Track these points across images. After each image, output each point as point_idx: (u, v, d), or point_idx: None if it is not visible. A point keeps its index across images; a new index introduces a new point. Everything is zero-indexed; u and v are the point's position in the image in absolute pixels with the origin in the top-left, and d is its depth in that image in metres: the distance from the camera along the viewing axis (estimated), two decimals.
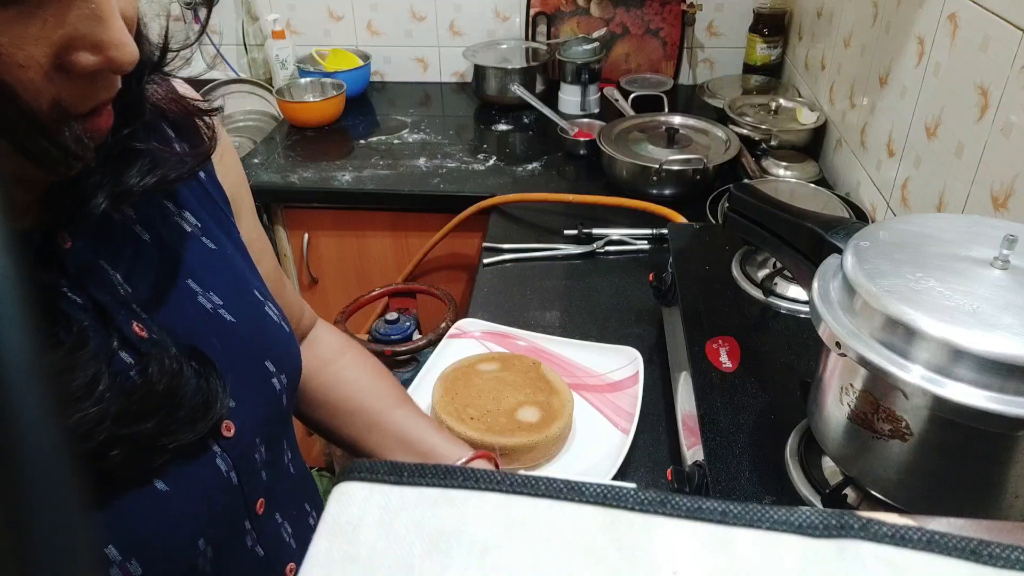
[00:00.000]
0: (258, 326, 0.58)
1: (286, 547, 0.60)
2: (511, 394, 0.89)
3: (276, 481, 0.59)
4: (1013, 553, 0.26)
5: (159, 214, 0.54)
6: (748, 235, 0.83)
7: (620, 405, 0.92)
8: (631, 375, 0.95)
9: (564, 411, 0.87)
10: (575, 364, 1.00)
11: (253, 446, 0.55)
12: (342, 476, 0.32)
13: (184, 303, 0.53)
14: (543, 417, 0.85)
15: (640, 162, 1.36)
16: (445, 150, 1.65)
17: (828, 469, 0.67)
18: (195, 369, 0.49)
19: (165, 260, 0.53)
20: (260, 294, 0.60)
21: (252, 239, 0.66)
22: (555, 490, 0.30)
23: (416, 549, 0.28)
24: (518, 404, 0.87)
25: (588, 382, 0.97)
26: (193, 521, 0.49)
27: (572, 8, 1.88)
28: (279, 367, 0.58)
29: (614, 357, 0.99)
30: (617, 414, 0.91)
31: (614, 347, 1.00)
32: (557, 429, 0.84)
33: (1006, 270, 0.53)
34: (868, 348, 0.52)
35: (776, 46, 1.77)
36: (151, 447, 0.46)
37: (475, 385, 0.90)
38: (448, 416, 0.84)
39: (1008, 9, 0.83)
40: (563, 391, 0.90)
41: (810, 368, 0.79)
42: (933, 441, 0.53)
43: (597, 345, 1.01)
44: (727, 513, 0.29)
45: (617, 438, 0.87)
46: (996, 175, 0.84)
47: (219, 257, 0.57)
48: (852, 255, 0.57)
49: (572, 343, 1.03)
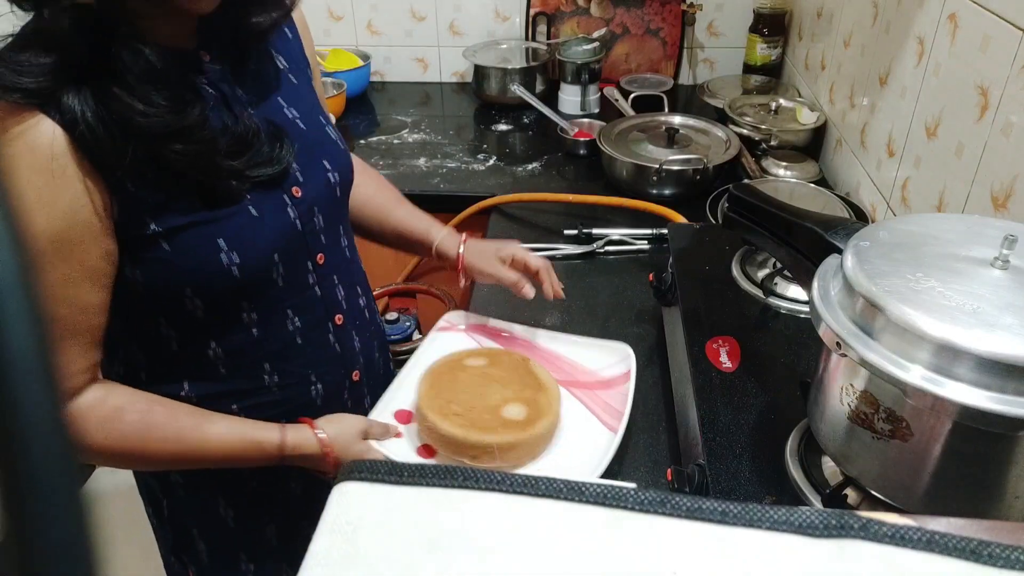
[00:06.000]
0: (321, 136, 0.83)
1: (336, 297, 0.85)
2: (497, 390, 0.86)
3: (332, 249, 0.83)
4: (1013, 553, 0.26)
5: (265, 56, 0.81)
6: (748, 235, 0.83)
7: (611, 403, 0.89)
8: (623, 372, 0.92)
9: (551, 409, 0.84)
10: (566, 360, 0.97)
11: (313, 212, 0.79)
12: (342, 476, 0.32)
13: (274, 108, 0.79)
14: (529, 414, 0.83)
15: (640, 162, 1.36)
16: (445, 150, 1.65)
17: (828, 469, 0.67)
18: (269, 132, 0.75)
19: (264, 82, 0.79)
20: (324, 119, 0.85)
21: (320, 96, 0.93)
22: (555, 490, 0.30)
23: (416, 549, 0.28)
24: (504, 401, 0.84)
25: (579, 379, 0.94)
26: (272, 238, 0.74)
27: (572, 8, 1.88)
28: (333, 166, 0.83)
29: (607, 353, 0.96)
30: (608, 412, 0.88)
31: (607, 343, 0.98)
32: (542, 427, 0.82)
33: (1006, 270, 0.53)
34: (868, 348, 0.52)
35: (776, 46, 1.77)
36: (243, 176, 0.72)
37: (461, 380, 0.87)
38: (431, 412, 0.82)
39: (1008, 9, 0.83)
40: (551, 388, 0.87)
41: (810, 368, 0.79)
42: (933, 441, 0.53)
43: (590, 340, 0.99)
44: (727, 513, 0.29)
45: (605, 437, 0.84)
46: (996, 175, 0.84)
47: (298, 88, 0.84)
48: (852, 255, 0.57)
49: (564, 338, 1.00)
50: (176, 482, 0.86)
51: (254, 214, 0.73)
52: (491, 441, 0.80)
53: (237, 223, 0.72)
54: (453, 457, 0.82)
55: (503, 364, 0.91)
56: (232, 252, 0.72)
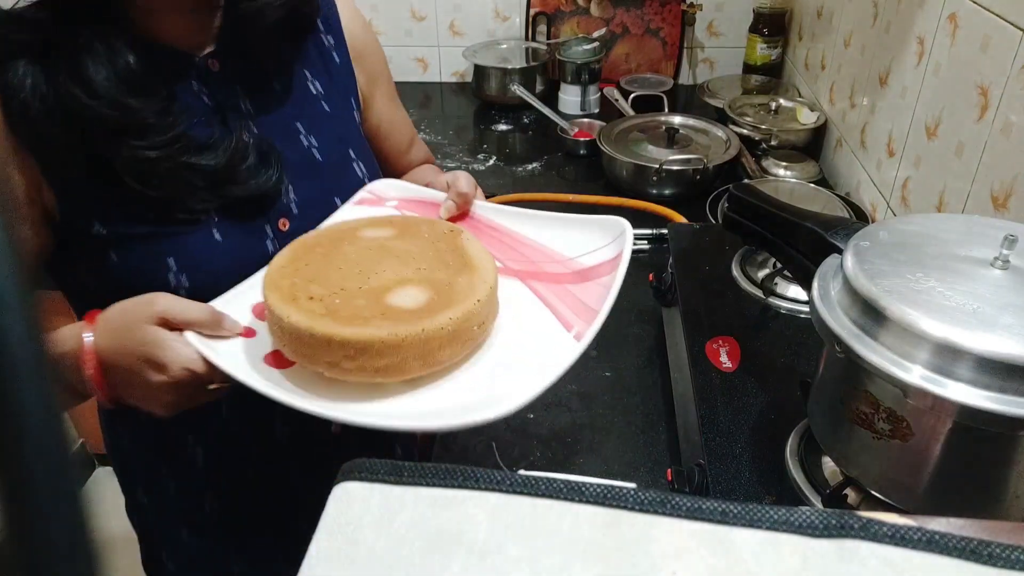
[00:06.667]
0: (339, 172, 0.78)
1: None
2: (392, 268, 0.61)
3: None
4: (1013, 553, 0.26)
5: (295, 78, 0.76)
6: (748, 235, 0.83)
7: (583, 300, 0.64)
8: (610, 258, 0.67)
9: (470, 296, 0.58)
10: (535, 244, 0.72)
11: None
12: (342, 476, 0.32)
13: (286, 131, 0.74)
14: (430, 302, 0.57)
15: (640, 162, 1.36)
16: (445, 150, 1.65)
17: (828, 469, 0.67)
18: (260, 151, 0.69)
19: (284, 104, 0.74)
20: (355, 154, 0.79)
21: (383, 120, 0.89)
22: (555, 490, 0.30)
23: (416, 549, 0.28)
24: (396, 282, 0.59)
25: (546, 268, 0.69)
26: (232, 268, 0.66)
27: (572, 8, 1.88)
28: None
29: (590, 232, 0.71)
30: (576, 312, 0.63)
31: (593, 218, 0.72)
32: (444, 321, 0.55)
33: (1006, 270, 0.53)
34: (868, 348, 0.52)
35: (776, 46, 1.77)
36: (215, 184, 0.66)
37: (342, 255, 0.62)
38: (274, 292, 0.57)
39: (1008, 9, 0.83)
40: (482, 269, 0.62)
41: (810, 368, 0.79)
42: (933, 441, 0.53)
43: (573, 217, 0.73)
44: (727, 513, 0.29)
45: (564, 345, 0.59)
46: (996, 175, 0.84)
47: (331, 118, 0.78)
48: (852, 255, 0.57)
49: (540, 216, 0.74)
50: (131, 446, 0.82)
51: (216, 238, 0.68)
52: (350, 336, 0.53)
53: (193, 243, 0.66)
54: (306, 364, 0.57)
55: (417, 236, 0.66)
56: (182, 274, 0.66)
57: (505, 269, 0.69)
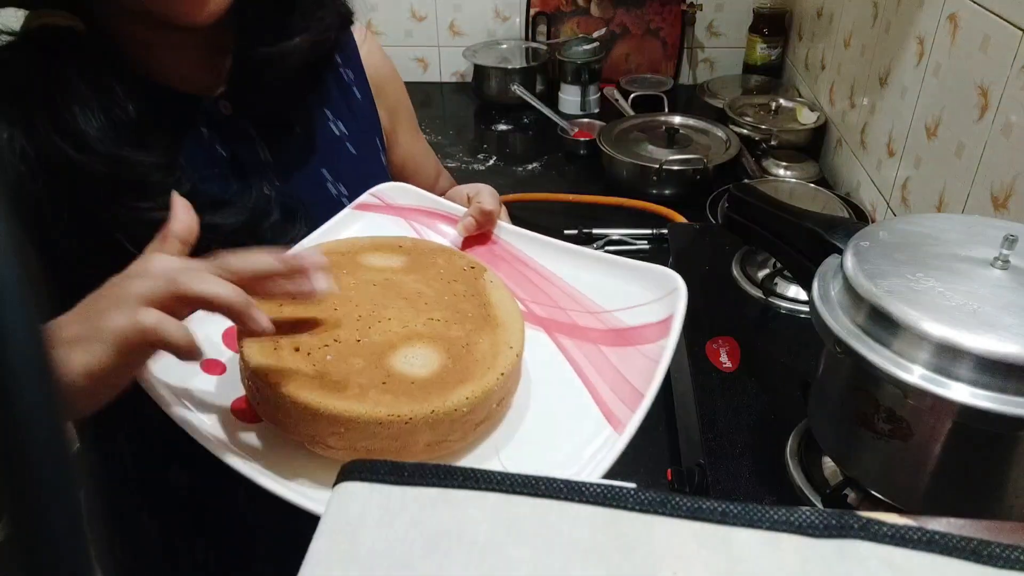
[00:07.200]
0: None
1: None
2: (400, 316, 0.49)
3: None
4: (1013, 553, 0.26)
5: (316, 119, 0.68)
6: (748, 235, 0.83)
7: (622, 371, 0.52)
8: (657, 320, 0.54)
9: (490, 368, 0.46)
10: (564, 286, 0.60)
11: None
12: (342, 476, 0.32)
13: (314, 181, 0.66)
14: (442, 372, 0.46)
15: (640, 162, 1.36)
16: (445, 150, 1.65)
17: (828, 469, 0.67)
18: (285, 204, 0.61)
19: (307, 149, 0.66)
20: None
21: (408, 157, 0.84)
22: (555, 490, 0.30)
23: (416, 549, 0.28)
24: (403, 338, 0.47)
25: (577, 320, 0.57)
26: None
27: (572, 8, 1.88)
28: None
29: (637, 282, 0.57)
30: (615, 387, 0.51)
31: (641, 265, 0.59)
32: (461, 402, 0.44)
33: (1006, 270, 0.53)
34: (868, 348, 0.52)
35: (776, 46, 1.77)
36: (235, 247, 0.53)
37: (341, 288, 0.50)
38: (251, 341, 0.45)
39: (1008, 9, 0.83)
40: (508, 326, 0.50)
41: (810, 368, 0.79)
42: (933, 441, 0.53)
43: (614, 259, 0.60)
44: (727, 513, 0.29)
45: (599, 433, 0.47)
46: (996, 175, 0.84)
47: (359, 161, 0.71)
48: (852, 255, 0.57)
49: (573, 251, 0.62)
50: None
51: None
52: (341, 411, 0.42)
53: None
54: (282, 432, 0.46)
55: (430, 270, 0.54)
56: None
57: (528, 314, 0.56)
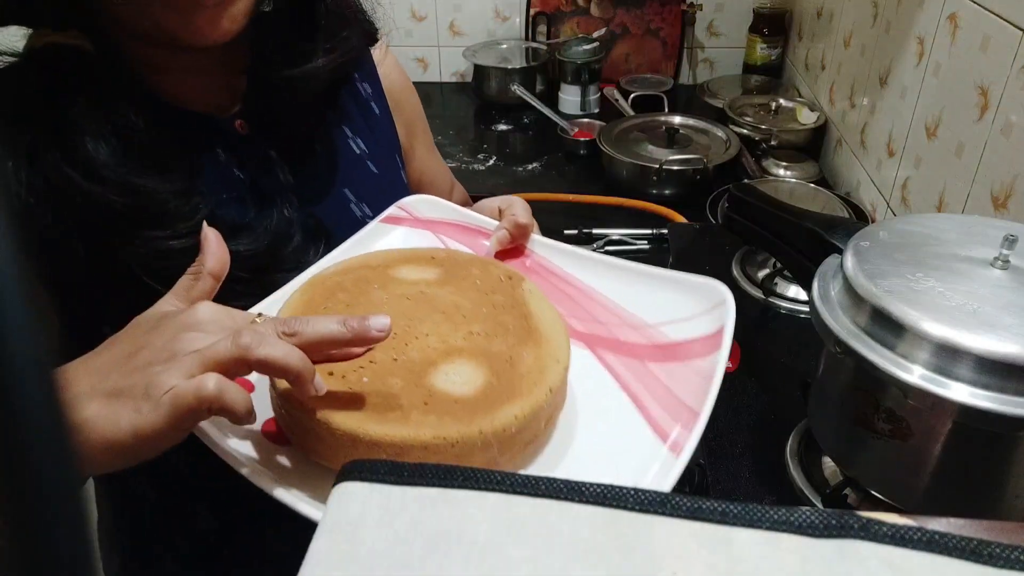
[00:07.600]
0: None
1: None
2: (437, 331, 0.45)
3: None
4: (1013, 553, 0.26)
5: (335, 137, 0.66)
6: (748, 235, 0.83)
7: (672, 388, 0.49)
8: (706, 334, 0.51)
9: (537, 383, 0.44)
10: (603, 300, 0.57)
11: None
12: (342, 476, 0.32)
13: (335, 203, 0.64)
14: (487, 389, 0.42)
15: (640, 162, 1.36)
16: (445, 150, 1.65)
17: (828, 469, 0.67)
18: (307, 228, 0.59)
19: (328, 169, 0.64)
20: None
21: (424, 172, 0.81)
22: (555, 490, 0.30)
23: (416, 549, 0.28)
24: (442, 354, 0.44)
25: (620, 335, 0.54)
26: None
27: (572, 8, 1.88)
28: None
29: (679, 296, 0.55)
30: (666, 406, 0.48)
31: (686, 279, 0.56)
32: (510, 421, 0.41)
33: (1006, 270, 0.53)
34: (868, 348, 0.52)
35: (776, 46, 1.77)
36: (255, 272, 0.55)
37: (371, 305, 0.47)
38: None
39: (1008, 9, 0.83)
40: (552, 339, 0.47)
41: (810, 368, 0.79)
42: (933, 441, 0.53)
43: (654, 271, 0.58)
44: (727, 513, 0.29)
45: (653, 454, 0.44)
46: (996, 175, 0.84)
47: (380, 179, 0.69)
48: (852, 255, 0.57)
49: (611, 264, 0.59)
50: None
51: None
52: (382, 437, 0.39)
53: None
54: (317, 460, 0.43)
55: (466, 281, 0.50)
56: None
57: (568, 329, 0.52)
